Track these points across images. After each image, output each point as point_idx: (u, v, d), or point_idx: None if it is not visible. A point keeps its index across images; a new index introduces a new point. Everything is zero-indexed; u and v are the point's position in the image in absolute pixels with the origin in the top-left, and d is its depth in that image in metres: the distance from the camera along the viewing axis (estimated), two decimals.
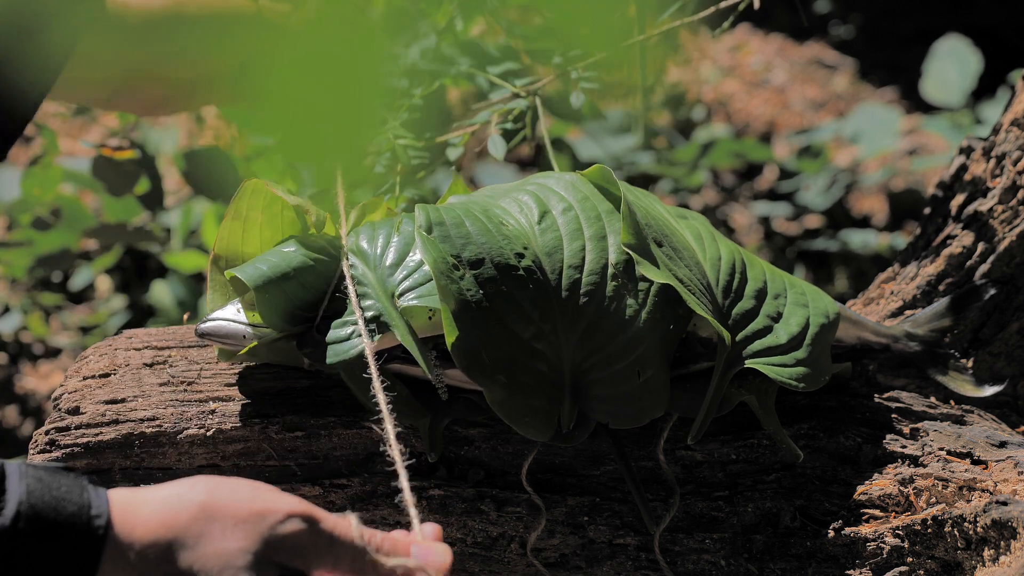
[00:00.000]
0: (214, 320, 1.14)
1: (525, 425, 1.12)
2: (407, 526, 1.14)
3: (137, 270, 2.50)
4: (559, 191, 1.19)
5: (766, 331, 1.19)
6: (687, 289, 1.14)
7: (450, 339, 1.10)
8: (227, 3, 1.23)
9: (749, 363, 1.16)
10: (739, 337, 1.17)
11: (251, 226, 1.21)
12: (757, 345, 1.18)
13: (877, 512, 1.16)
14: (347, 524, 0.94)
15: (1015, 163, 1.34)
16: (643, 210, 1.18)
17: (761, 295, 1.21)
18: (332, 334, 1.13)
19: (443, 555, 0.95)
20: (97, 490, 0.91)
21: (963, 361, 1.32)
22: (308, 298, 1.14)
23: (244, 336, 1.14)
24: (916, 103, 2.92)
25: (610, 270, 1.15)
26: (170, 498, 0.92)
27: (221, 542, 0.91)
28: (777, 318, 1.20)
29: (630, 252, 1.13)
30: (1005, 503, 1.10)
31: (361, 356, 1.11)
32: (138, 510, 0.91)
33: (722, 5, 1.39)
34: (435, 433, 1.14)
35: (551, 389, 1.13)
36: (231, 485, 0.93)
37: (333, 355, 1.12)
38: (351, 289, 1.13)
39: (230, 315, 1.15)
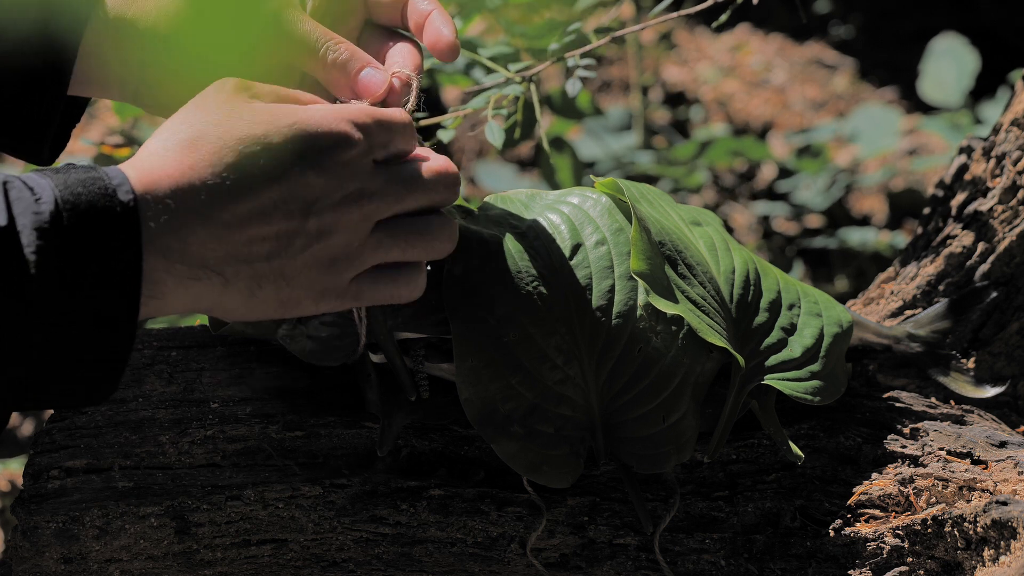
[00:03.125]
0: None
1: (543, 474, 1.10)
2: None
3: None
4: (595, 217, 1.16)
5: (780, 345, 1.18)
6: (703, 314, 1.13)
7: (463, 394, 1.09)
8: None
9: (764, 380, 1.15)
10: (753, 352, 1.16)
11: None
12: (772, 360, 1.17)
13: (877, 512, 1.16)
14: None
15: (1015, 163, 1.34)
16: (657, 224, 1.16)
17: (775, 307, 1.20)
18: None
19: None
20: (107, 168, 0.93)
21: (964, 362, 1.32)
22: None
23: None
24: (916, 103, 2.92)
25: (638, 311, 1.13)
26: (163, 138, 0.96)
27: (223, 124, 0.96)
28: (791, 330, 1.19)
29: (639, 279, 1.11)
30: (1005, 503, 1.10)
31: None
32: (150, 166, 0.94)
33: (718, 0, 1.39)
34: (390, 430, 1.13)
35: (577, 431, 1.12)
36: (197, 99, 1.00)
37: None
38: None
39: None
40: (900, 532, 1.14)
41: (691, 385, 1.13)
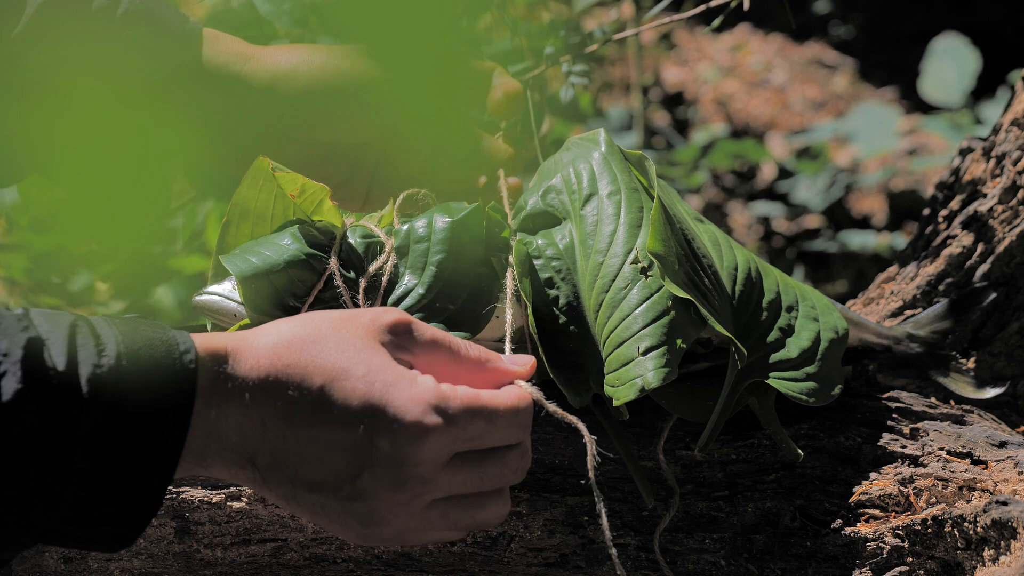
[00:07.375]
0: (209, 294, 1.13)
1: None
2: None
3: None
4: (617, 171, 1.20)
5: (778, 344, 1.18)
6: (708, 303, 1.13)
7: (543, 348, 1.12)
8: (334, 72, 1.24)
9: (760, 377, 1.15)
10: (753, 347, 1.17)
11: (264, 196, 1.18)
12: (770, 359, 1.17)
13: (877, 512, 1.16)
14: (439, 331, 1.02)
15: (1015, 163, 1.34)
16: (671, 209, 1.18)
17: (774, 307, 1.20)
18: None
19: (529, 360, 1.05)
20: (179, 330, 0.93)
21: (964, 362, 1.32)
22: (296, 291, 1.12)
23: (235, 314, 1.13)
24: (916, 103, 2.92)
25: (632, 254, 1.15)
26: (268, 333, 0.96)
27: (337, 347, 0.96)
28: (789, 331, 1.20)
29: (655, 260, 1.12)
30: (1005, 503, 1.10)
31: None
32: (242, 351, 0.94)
33: (713, 3, 1.39)
34: None
35: (577, 358, 1.14)
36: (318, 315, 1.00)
37: None
38: (344, 291, 1.12)
39: (225, 291, 1.13)
40: (900, 532, 1.14)
41: (676, 322, 1.13)
